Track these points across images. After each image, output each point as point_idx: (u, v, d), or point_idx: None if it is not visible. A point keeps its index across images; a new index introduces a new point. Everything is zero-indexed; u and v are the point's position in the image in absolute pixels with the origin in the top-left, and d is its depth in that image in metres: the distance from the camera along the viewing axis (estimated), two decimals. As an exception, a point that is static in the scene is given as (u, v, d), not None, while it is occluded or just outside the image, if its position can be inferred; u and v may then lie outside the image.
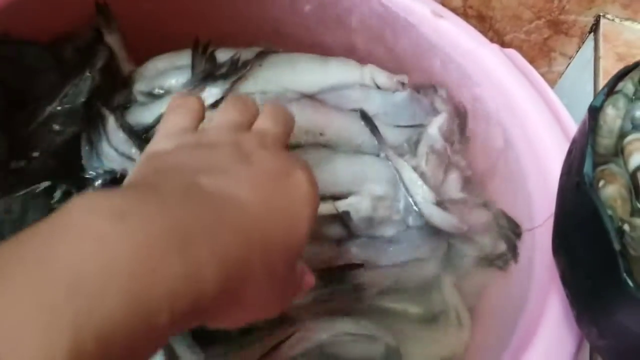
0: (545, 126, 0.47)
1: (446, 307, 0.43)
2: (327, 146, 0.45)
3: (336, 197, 0.43)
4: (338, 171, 0.44)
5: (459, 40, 0.51)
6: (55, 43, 0.47)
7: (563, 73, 0.61)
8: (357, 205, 0.43)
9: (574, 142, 0.36)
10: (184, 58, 0.48)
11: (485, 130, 0.51)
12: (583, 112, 0.47)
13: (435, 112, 0.50)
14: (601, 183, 0.32)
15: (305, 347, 0.39)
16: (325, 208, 0.43)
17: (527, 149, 0.47)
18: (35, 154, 0.41)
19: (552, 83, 0.51)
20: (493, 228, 0.46)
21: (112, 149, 0.43)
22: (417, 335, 0.43)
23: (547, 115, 0.47)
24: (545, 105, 0.48)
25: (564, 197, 0.35)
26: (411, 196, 0.44)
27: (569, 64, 0.61)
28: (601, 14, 0.56)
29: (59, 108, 0.42)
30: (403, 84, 0.50)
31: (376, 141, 0.46)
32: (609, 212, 0.30)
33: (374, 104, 0.49)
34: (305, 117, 0.44)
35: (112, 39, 0.47)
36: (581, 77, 0.58)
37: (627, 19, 0.55)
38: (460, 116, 0.52)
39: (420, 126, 0.49)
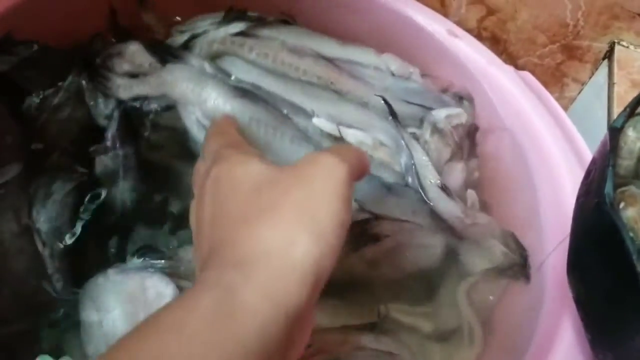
0: (559, 149, 0.47)
1: (460, 322, 0.42)
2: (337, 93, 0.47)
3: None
4: (346, 112, 0.45)
5: (474, 60, 0.51)
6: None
7: (575, 99, 0.61)
8: (360, 138, 0.44)
9: (593, 163, 0.35)
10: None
11: (498, 150, 0.50)
12: (595, 138, 0.47)
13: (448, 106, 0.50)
14: (622, 205, 0.32)
15: None
16: (329, 127, 0.44)
17: (541, 172, 0.47)
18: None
19: (563, 109, 0.50)
20: (501, 241, 0.45)
21: (120, 76, 0.44)
22: (428, 350, 0.42)
23: (560, 139, 0.47)
24: (559, 129, 0.48)
25: (582, 219, 0.35)
26: (419, 179, 0.44)
27: (582, 89, 0.61)
28: (616, 41, 0.56)
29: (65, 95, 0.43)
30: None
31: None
32: (631, 234, 0.29)
33: (386, 84, 0.49)
34: (318, 67, 0.47)
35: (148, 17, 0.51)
36: (593, 103, 0.58)
37: (641, 46, 0.56)
38: (470, 132, 0.52)
39: (430, 109, 0.49)
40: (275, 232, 0.25)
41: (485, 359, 0.42)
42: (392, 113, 0.46)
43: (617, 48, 0.56)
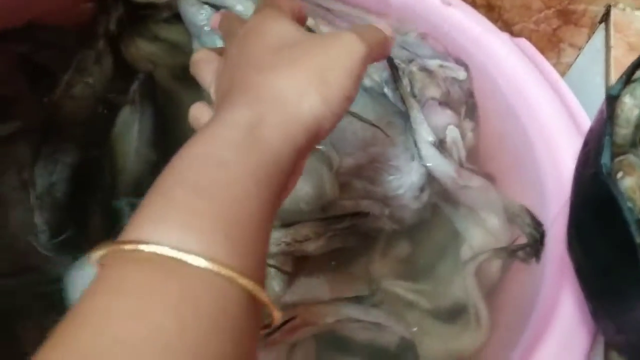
0: (556, 116, 0.46)
1: (466, 303, 0.42)
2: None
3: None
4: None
5: (468, 28, 0.50)
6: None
7: (572, 64, 0.60)
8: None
9: (590, 132, 0.35)
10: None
11: (496, 119, 0.50)
12: (592, 104, 0.46)
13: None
14: (619, 174, 0.32)
15: (308, 333, 0.38)
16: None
17: (539, 139, 0.46)
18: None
19: (560, 75, 0.49)
20: (503, 213, 0.45)
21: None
22: (432, 329, 0.42)
23: (558, 106, 0.47)
24: (556, 96, 0.47)
25: (580, 189, 0.34)
26: (413, 135, 0.44)
27: (578, 55, 0.60)
28: (612, 4, 0.55)
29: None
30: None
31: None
32: (629, 204, 0.29)
33: None
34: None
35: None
36: (590, 68, 0.57)
37: (638, 9, 0.54)
38: (467, 96, 0.51)
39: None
40: (289, 83, 0.27)
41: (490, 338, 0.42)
42: (393, 70, 0.45)
43: (613, 11, 0.54)
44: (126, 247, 0.22)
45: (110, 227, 0.43)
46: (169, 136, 0.48)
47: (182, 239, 0.22)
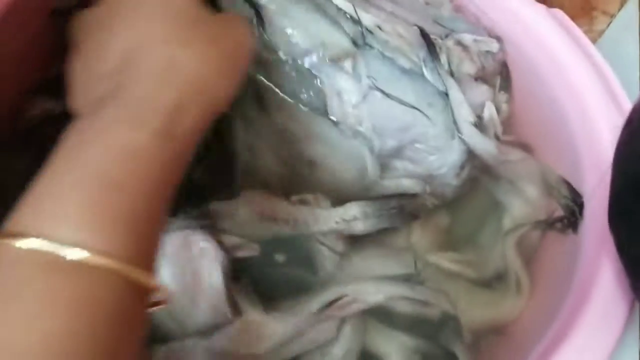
0: (592, 89, 0.46)
1: (506, 271, 0.44)
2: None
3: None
4: None
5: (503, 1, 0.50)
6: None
7: (604, 32, 0.60)
8: (377, 22, 0.45)
9: (634, 112, 0.35)
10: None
11: (530, 91, 0.50)
12: (625, 72, 0.46)
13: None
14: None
15: (357, 309, 0.40)
16: (344, 4, 0.44)
17: (575, 111, 0.47)
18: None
19: (592, 42, 0.49)
20: (542, 184, 0.46)
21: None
22: (472, 297, 0.44)
23: (594, 78, 0.47)
24: (592, 67, 0.47)
25: (624, 166, 0.35)
26: (453, 115, 0.44)
27: (610, 22, 0.59)
28: (646, -31, 0.54)
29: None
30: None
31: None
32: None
33: (416, 7, 0.49)
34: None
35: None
36: (623, 37, 0.56)
37: (672, -27, 0.54)
38: (502, 68, 0.51)
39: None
40: (206, 64, 0.28)
41: (528, 304, 0.44)
42: (429, 47, 0.45)
43: (647, -24, 0.54)
44: (4, 240, 0.22)
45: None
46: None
47: (68, 231, 0.22)
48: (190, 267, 0.39)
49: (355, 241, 0.44)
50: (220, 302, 0.38)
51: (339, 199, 0.44)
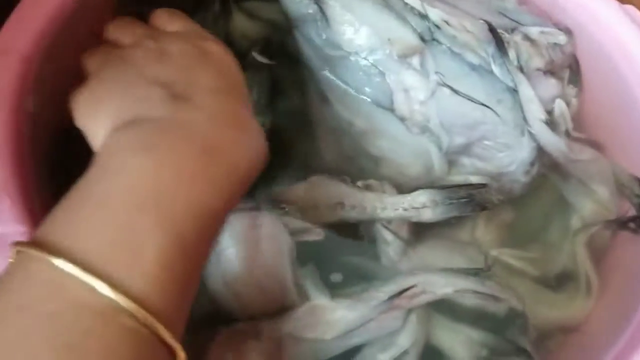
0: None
1: (575, 271, 0.43)
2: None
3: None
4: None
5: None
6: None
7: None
8: (444, 17, 0.44)
9: None
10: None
11: (601, 85, 0.49)
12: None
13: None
14: None
15: (425, 300, 0.40)
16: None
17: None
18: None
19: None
20: (613, 184, 0.45)
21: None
22: (536, 295, 0.43)
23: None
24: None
25: None
26: (523, 112, 0.43)
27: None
28: None
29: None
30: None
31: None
32: None
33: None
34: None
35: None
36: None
37: None
38: (571, 62, 0.50)
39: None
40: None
41: (597, 305, 0.43)
42: (498, 43, 0.44)
43: None
44: (34, 252, 0.21)
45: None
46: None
47: (102, 257, 0.21)
48: (257, 249, 0.39)
49: (419, 233, 0.44)
50: (286, 285, 0.38)
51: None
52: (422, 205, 0.42)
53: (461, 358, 0.41)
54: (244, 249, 0.39)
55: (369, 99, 0.44)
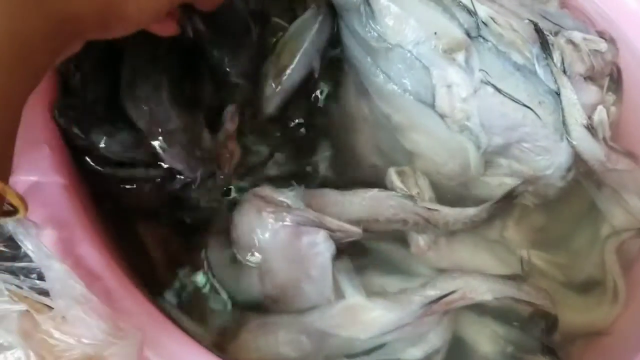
0: None
1: (603, 278, 0.43)
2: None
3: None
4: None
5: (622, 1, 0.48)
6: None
7: None
8: (491, 14, 0.43)
9: None
10: None
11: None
12: None
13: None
14: None
15: (463, 304, 0.40)
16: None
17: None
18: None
19: None
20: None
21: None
22: (561, 298, 0.43)
23: None
24: None
25: None
26: (564, 116, 0.43)
27: None
28: None
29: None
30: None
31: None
32: None
33: (523, 2, 0.47)
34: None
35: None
36: None
37: None
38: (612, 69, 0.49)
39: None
40: None
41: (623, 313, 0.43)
42: (544, 43, 0.44)
43: None
44: None
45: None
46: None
47: None
48: (300, 258, 0.39)
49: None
50: (325, 288, 0.38)
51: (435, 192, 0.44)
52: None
53: (485, 351, 0.41)
54: (286, 260, 0.39)
55: (409, 93, 0.44)
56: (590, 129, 0.43)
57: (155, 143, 0.37)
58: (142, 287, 0.36)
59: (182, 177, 0.39)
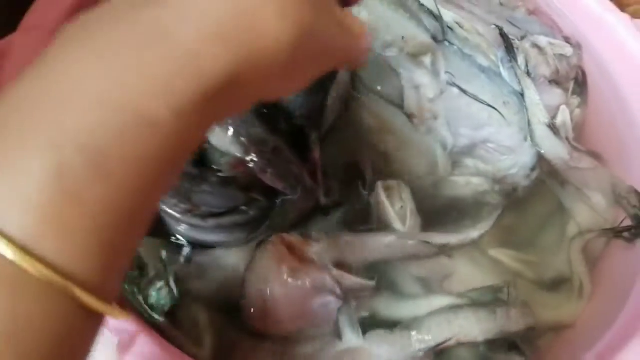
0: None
1: (570, 275, 0.44)
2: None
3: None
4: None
5: (586, 6, 0.49)
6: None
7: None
8: (457, 19, 0.45)
9: None
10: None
11: (604, 99, 0.50)
12: None
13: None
14: None
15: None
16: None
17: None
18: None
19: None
20: (611, 193, 0.46)
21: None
22: (534, 297, 0.44)
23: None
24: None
25: None
26: (528, 116, 0.45)
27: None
28: None
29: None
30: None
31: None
32: None
33: (491, 8, 0.50)
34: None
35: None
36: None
37: None
38: (577, 74, 0.51)
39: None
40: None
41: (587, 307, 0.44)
42: (508, 46, 0.46)
43: None
44: None
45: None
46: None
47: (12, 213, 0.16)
48: (307, 312, 0.38)
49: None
50: (325, 330, 0.38)
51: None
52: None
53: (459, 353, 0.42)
54: (293, 311, 0.37)
55: (380, 96, 0.45)
56: (553, 128, 0.44)
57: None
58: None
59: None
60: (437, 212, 0.45)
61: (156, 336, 0.33)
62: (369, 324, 0.39)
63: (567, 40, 0.51)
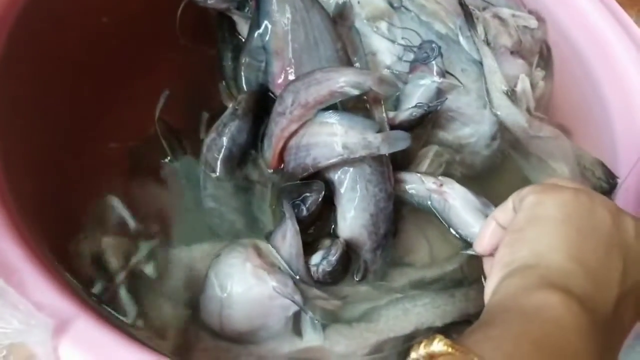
0: (637, 76, 0.45)
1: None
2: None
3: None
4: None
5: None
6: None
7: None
8: None
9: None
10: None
11: (570, 72, 0.49)
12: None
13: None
14: None
15: None
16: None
17: (615, 97, 0.46)
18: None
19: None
20: (574, 162, 0.45)
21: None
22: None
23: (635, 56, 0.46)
24: (634, 45, 0.46)
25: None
26: (486, 84, 0.44)
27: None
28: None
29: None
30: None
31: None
32: None
33: None
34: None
35: None
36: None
37: None
38: (541, 47, 0.51)
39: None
40: None
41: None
42: (465, 11, 0.45)
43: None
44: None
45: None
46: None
47: None
48: (264, 313, 0.36)
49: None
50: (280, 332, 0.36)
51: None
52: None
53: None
54: (250, 310, 0.36)
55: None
56: (511, 95, 0.43)
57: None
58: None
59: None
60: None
61: (97, 319, 0.30)
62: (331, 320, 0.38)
63: (531, 13, 0.51)
